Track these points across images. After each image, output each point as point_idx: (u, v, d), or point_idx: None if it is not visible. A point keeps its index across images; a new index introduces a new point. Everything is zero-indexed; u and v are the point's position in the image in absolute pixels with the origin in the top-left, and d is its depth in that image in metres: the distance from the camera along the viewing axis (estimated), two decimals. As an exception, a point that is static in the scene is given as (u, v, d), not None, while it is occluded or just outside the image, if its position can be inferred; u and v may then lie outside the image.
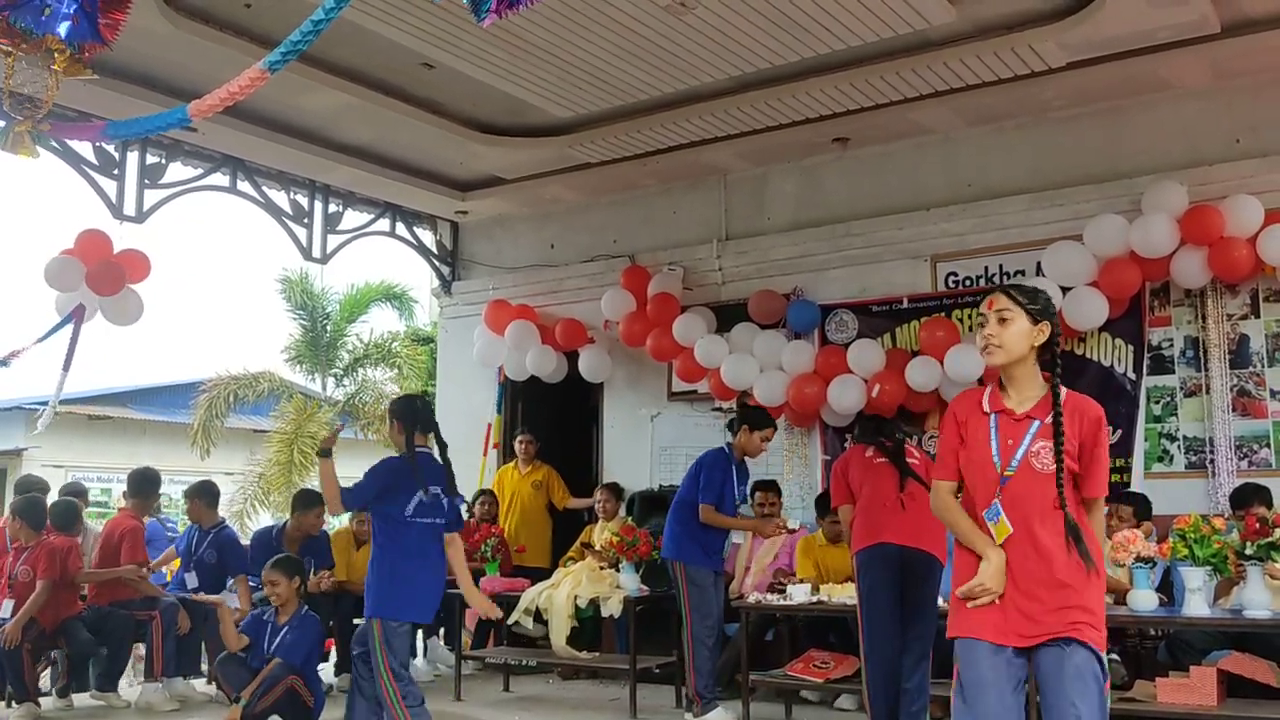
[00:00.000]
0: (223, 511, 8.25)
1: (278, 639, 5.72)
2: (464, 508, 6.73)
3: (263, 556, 7.26)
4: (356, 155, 8.30)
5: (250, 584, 7.04)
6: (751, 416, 6.43)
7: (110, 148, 7.50)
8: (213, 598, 6.78)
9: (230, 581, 7.13)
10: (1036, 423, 3.12)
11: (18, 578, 6.48)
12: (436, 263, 10.04)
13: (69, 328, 7.08)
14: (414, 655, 7.84)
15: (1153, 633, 5.79)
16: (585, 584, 6.90)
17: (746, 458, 6.39)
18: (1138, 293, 6.72)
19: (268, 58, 3.07)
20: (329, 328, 21.49)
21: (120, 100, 6.68)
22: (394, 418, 5.15)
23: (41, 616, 6.44)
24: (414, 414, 5.16)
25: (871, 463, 5.37)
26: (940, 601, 5.19)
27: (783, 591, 6.18)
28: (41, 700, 6.59)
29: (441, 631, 8.21)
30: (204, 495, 7.43)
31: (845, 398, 7.22)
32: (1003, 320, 3.17)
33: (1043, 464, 3.08)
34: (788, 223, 8.26)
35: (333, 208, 9.00)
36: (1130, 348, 6.86)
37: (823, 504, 6.87)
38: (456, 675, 7.12)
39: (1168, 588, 5.88)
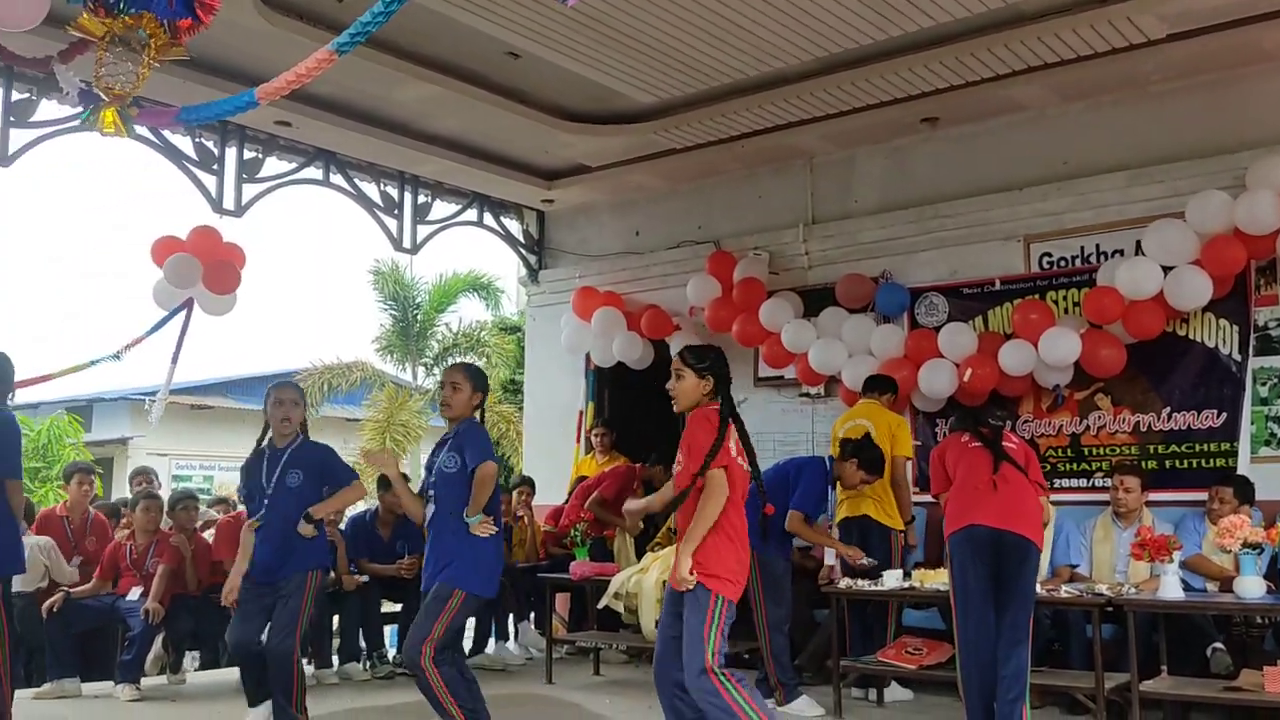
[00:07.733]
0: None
1: None
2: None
3: (358, 542, 7.45)
4: (444, 146, 8.42)
5: (350, 570, 7.22)
6: (866, 458, 6.28)
7: (210, 144, 7.71)
8: None
9: None
10: None
11: (149, 569, 6.84)
12: (523, 251, 10.13)
13: (178, 319, 7.31)
14: (506, 639, 7.98)
15: (1260, 620, 5.60)
16: (674, 569, 6.90)
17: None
18: (1242, 271, 6.47)
19: (336, 40, 3.08)
20: (419, 318, 21.84)
21: (214, 96, 6.82)
22: None
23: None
24: None
25: (967, 447, 5.30)
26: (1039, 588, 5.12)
27: (875, 577, 6.12)
28: (152, 680, 6.88)
29: (532, 615, 8.31)
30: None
31: (936, 382, 7.12)
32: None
33: None
34: (875, 205, 8.15)
35: (422, 198, 9.14)
36: (1235, 328, 6.63)
37: None
38: (548, 659, 7.18)
39: (1275, 575, 5.69)
